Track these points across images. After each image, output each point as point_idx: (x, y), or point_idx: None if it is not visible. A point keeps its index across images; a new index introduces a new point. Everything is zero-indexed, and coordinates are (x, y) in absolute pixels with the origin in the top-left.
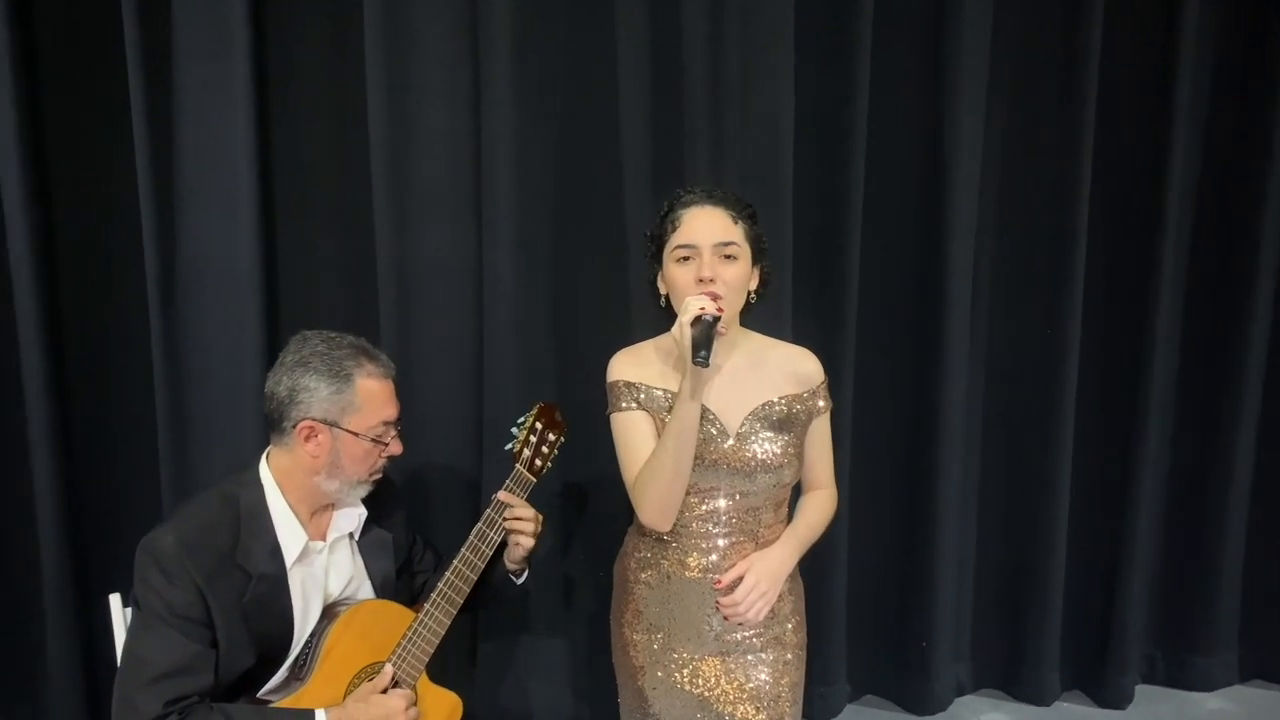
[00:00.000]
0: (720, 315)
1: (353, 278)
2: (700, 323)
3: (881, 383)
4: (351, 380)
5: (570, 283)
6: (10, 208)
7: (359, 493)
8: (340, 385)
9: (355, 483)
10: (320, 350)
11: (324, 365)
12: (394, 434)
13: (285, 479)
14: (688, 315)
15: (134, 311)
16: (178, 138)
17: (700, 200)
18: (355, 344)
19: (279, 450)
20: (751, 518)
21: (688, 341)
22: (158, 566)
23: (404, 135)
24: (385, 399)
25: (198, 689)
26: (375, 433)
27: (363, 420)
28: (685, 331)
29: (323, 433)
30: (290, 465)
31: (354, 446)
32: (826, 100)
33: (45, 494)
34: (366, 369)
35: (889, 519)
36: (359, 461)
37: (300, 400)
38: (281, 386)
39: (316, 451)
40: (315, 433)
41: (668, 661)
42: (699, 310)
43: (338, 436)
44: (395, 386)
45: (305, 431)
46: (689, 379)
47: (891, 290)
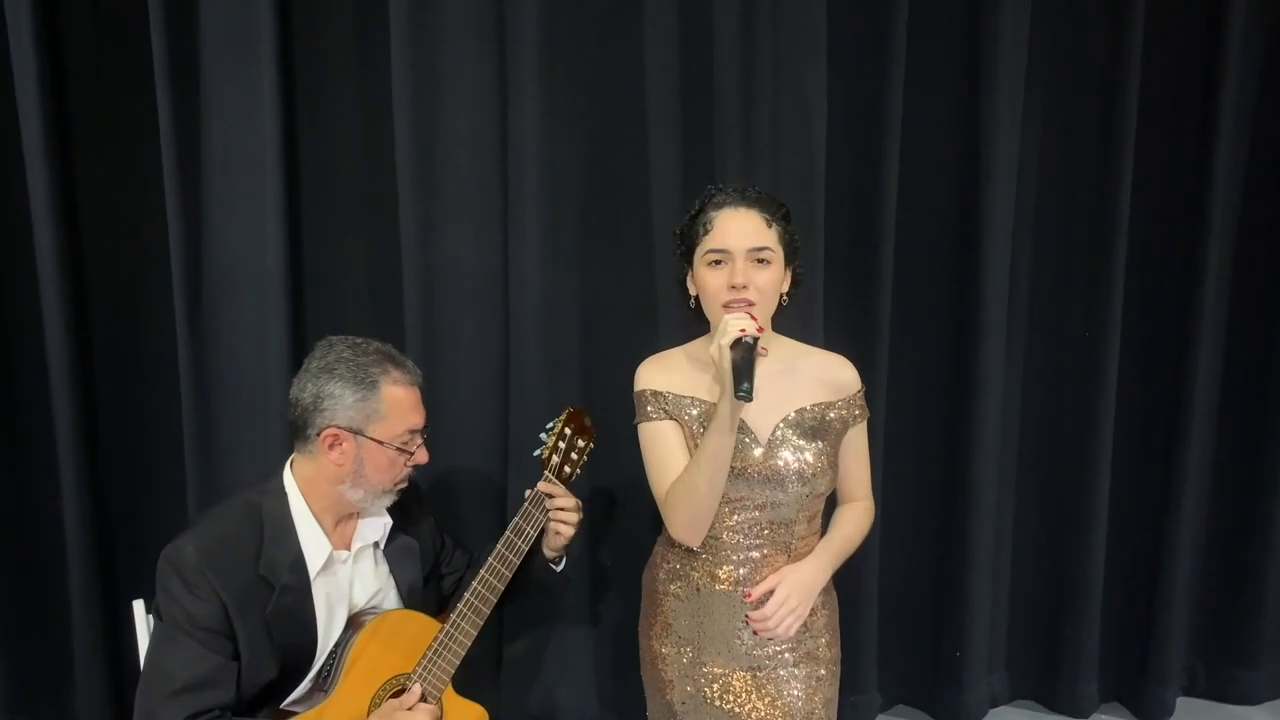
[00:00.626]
0: (760, 334)
1: (379, 282)
2: (740, 345)
3: (915, 388)
4: (377, 387)
5: (598, 285)
6: (37, 214)
7: (384, 502)
8: (365, 393)
9: (380, 492)
10: (346, 357)
11: (349, 372)
12: (420, 443)
13: (309, 487)
14: (727, 338)
15: (161, 317)
16: (205, 142)
17: (734, 201)
18: (382, 350)
19: (303, 458)
20: (784, 529)
21: (728, 366)
22: (179, 577)
23: (430, 138)
24: (411, 407)
25: (219, 702)
26: (400, 441)
27: (388, 429)
28: (724, 354)
29: (347, 441)
30: (314, 473)
31: (379, 455)
32: (860, 99)
33: (72, 499)
34: (393, 376)
35: (921, 527)
36: (383, 470)
37: (325, 408)
38: (306, 393)
39: (341, 460)
40: (340, 441)
41: (697, 676)
42: (739, 332)
43: (362, 445)
44: (422, 394)
45: (329, 439)
46: (727, 404)
47: (926, 293)
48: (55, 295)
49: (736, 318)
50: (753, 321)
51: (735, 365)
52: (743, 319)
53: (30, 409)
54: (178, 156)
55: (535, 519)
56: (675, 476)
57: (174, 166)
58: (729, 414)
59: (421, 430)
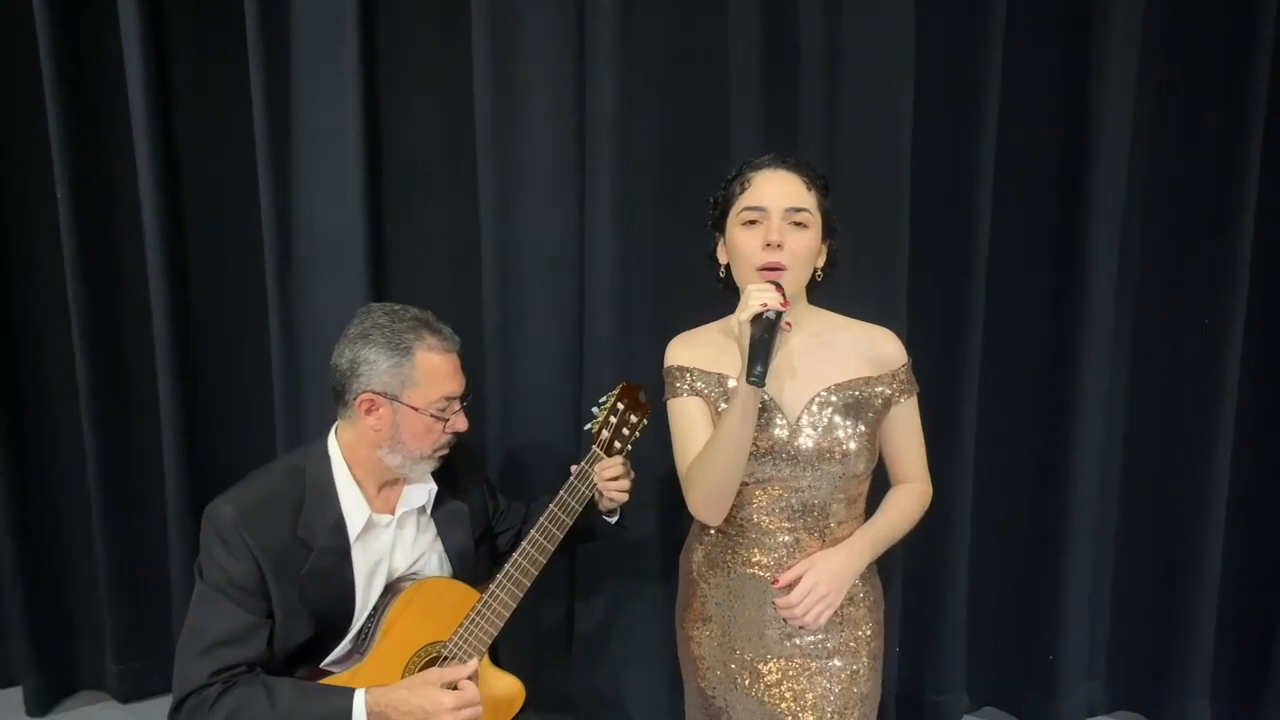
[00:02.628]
0: (785, 309)
1: (458, 255)
2: (760, 321)
3: (1009, 378)
4: (411, 353)
5: (673, 260)
6: (144, 190)
7: (424, 468)
8: (399, 358)
9: (418, 458)
10: (382, 323)
11: (384, 338)
12: (457, 409)
13: (351, 453)
14: (747, 312)
15: (253, 285)
16: (294, 114)
17: (773, 164)
18: (419, 317)
19: (344, 423)
20: (818, 512)
21: (745, 341)
22: (217, 536)
23: (509, 112)
24: (447, 373)
25: (247, 659)
26: (435, 408)
27: (422, 395)
28: (744, 329)
29: (383, 406)
30: (354, 439)
31: (414, 421)
32: (953, 67)
33: (172, 459)
34: (427, 342)
35: (1016, 523)
36: (419, 437)
37: (361, 373)
38: (344, 359)
39: (378, 425)
40: (375, 406)
41: (729, 661)
42: (760, 306)
43: (398, 410)
44: (460, 360)
45: (365, 404)
46: (747, 394)
47: (1024, 278)
48: (160, 267)
49: (760, 289)
50: (777, 295)
51: (752, 344)
52: (766, 291)
53: (137, 376)
54: (269, 127)
55: (580, 492)
56: (695, 455)
57: (266, 142)
58: (746, 397)
59: (460, 397)
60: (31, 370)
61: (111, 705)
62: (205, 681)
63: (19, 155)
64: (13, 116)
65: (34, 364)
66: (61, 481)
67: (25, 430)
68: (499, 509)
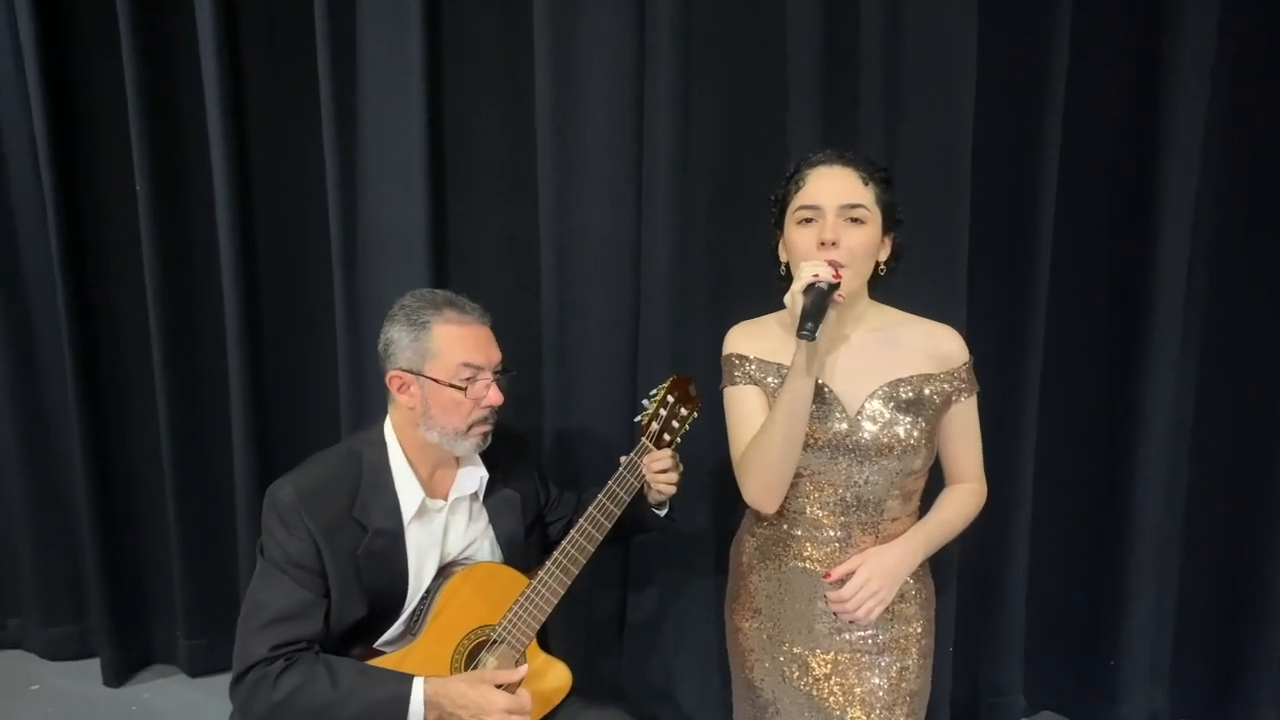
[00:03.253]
0: (838, 283)
1: (517, 247)
2: (813, 290)
3: (1073, 375)
4: (428, 327)
5: (730, 254)
6: (218, 183)
7: (463, 445)
8: (417, 333)
9: (454, 433)
10: (407, 304)
11: (405, 317)
12: (488, 381)
13: (402, 436)
14: (800, 282)
15: (320, 277)
16: (360, 109)
17: (829, 160)
18: (443, 296)
19: (392, 408)
20: (872, 508)
21: (797, 310)
22: (277, 516)
23: (569, 106)
24: (467, 344)
25: (306, 635)
26: (458, 377)
27: (442, 366)
28: (796, 300)
29: (411, 383)
30: (400, 420)
31: (440, 394)
32: (1017, 57)
33: (241, 445)
34: (445, 315)
35: (1078, 524)
36: (448, 410)
37: (390, 354)
38: (380, 344)
39: (410, 402)
40: (405, 384)
41: (777, 654)
42: (812, 277)
43: (424, 385)
44: (490, 334)
45: (396, 383)
46: (801, 352)
47: (1089, 272)
48: (231, 258)
49: (813, 264)
50: (829, 268)
51: (804, 307)
52: (819, 265)
53: (209, 363)
54: (336, 124)
55: (628, 483)
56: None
57: (333, 136)
58: (803, 360)
59: (494, 370)
60: (111, 361)
61: (182, 679)
62: (267, 655)
63: (103, 154)
64: (98, 118)
65: (114, 355)
66: (138, 469)
67: (106, 420)
68: (550, 498)
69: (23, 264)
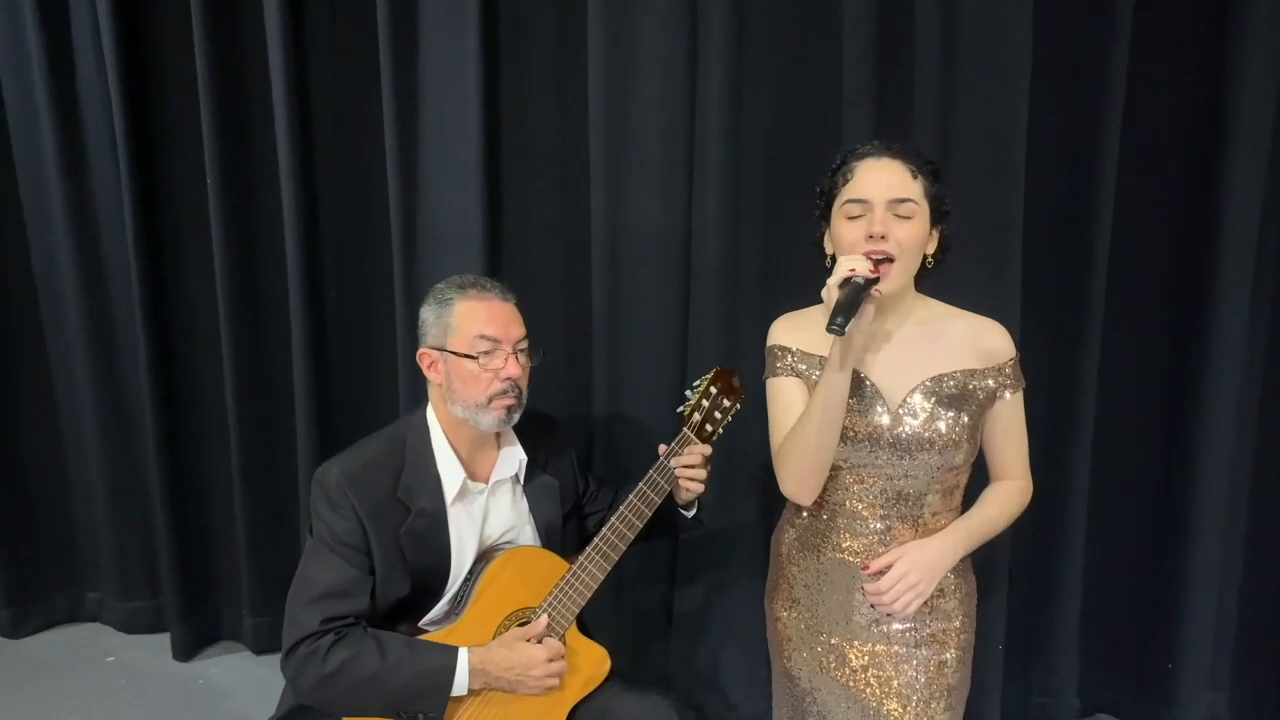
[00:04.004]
0: (876, 278)
1: (570, 242)
2: (849, 284)
3: (1131, 372)
4: (450, 304)
5: (781, 248)
6: (284, 179)
7: (487, 419)
8: (441, 310)
9: (475, 405)
10: (439, 288)
11: (433, 297)
12: (506, 354)
13: (441, 417)
14: (836, 276)
15: (381, 268)
16: (420, 110)
17: (877, 153)
18: (470, 278)
19: (429, 389)
20: (913, 502)
21: (831, 303)
22: (325, 496)
23: (622, 99)
24: (484, 317)
25: (354, 611)
26: (475, 349)
27: (461, 339)
28: (831, 293)
29: (437, 360)
30: (435, 400)
31: (460, 367)
32: (1075, 43)
33: (305, 433)
34: (467, 293)
35: (1135, 523)
36: (468, 382)
37: (422, 334)
38: (418, 329)
39: (438, 378)
40: (432, 361)
41: (815, 643)
42: (849, 271)
43: (448, 360)
44: (512, 310)
45: (425, 361)
46: (835, 346)
47: (1149, 266)
48: (297, 248)
49: (851, 257)
50: (867, 262)
51: (838, 301)
52: (856, 259)
53: (274, 353)
54: (397, 119)
55: (669, 472)
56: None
57: (394, 128)
58: (838, 355)
59: (513, 344)
60: (184, 353)
61: (247, 655)
62: (317, 629)
63: (176, 150)
64: (172, 116)
65: (186, 347)
66: (208, 456)
67: (178, 409)
68: (589, 490)
69: (104, 261)
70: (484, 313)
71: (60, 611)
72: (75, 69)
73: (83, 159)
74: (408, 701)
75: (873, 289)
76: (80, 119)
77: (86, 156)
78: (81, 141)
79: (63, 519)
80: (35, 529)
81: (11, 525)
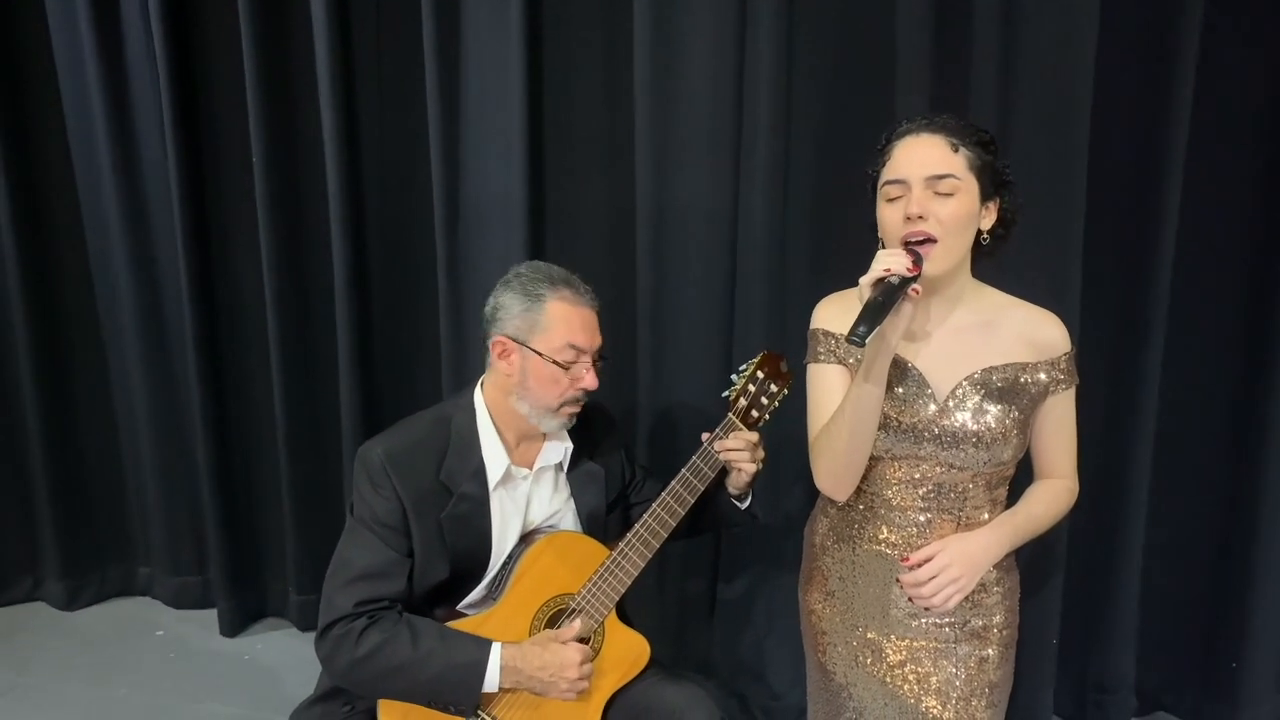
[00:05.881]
0: (914, 276)
1: (615, 219)
2: (882, 285)
3: (1196, 365)
4: (542, 300)
5: (831, 226)
6: (329, 157)
7: (551, 422)
8: (530, 304)
9: (545, 409)
10: (523, 274)
11: (521, 286)
12: (587, 365)
13: (493, 403)
14: (870, 275)
15: (424, 246)
16: (463, 86)
17: (915, 129)
18: (560, 272)
19: (488, 374)
20: (956, 495)
21: (863, 303)
22: (367, 475)
23: (668, 74)
24: (576, 325)
25: (390, 594)
26: (561, 356)
27: (548, 341)
28: (864, 292)
29: (514, 351)
30: (494, 387)
31: (540, 368)
32: (1143, 19)
33: (348, 406)
34: (560, 293)
35: (1198, 518)
36: (545, 384)
37: (498, 318)
38: (488, 307)
39: (509, 370)
40: (507, 350)
41: (850, 637)
42: (884, 270)
43: (526, 356)
44: (597, 320)
45: (499, 347)
46: (871, 348)
47: (1216, 254)
48: (340, 227)
49: (889, 253)
50: (905, 259)
51: (866, 304)
52: (895, 256)
53: (318, 335)
54: (440, 95)
55: (712, 459)
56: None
57: (437, 106)
58: (871, 360)
59: (594, 354)
60: (231, 335)
61: (292, 632)
62: (351, 611)
63: (222, 131)
64: (219, 95)
65: (233, 328)
66: (255, 435)
67: (225, 389)
68: (635, 480)
69: (154, 244)
70: (577, 320)
71: (112, 585)
72: (124, 46)
73: (132, 139)
74: (438, 692)
75: (909, 288)
76: (129, 96)
77: (136, 137)
78: (131, 120)
79: (116, 496)
80: (90, 505)
81: (67, 501)
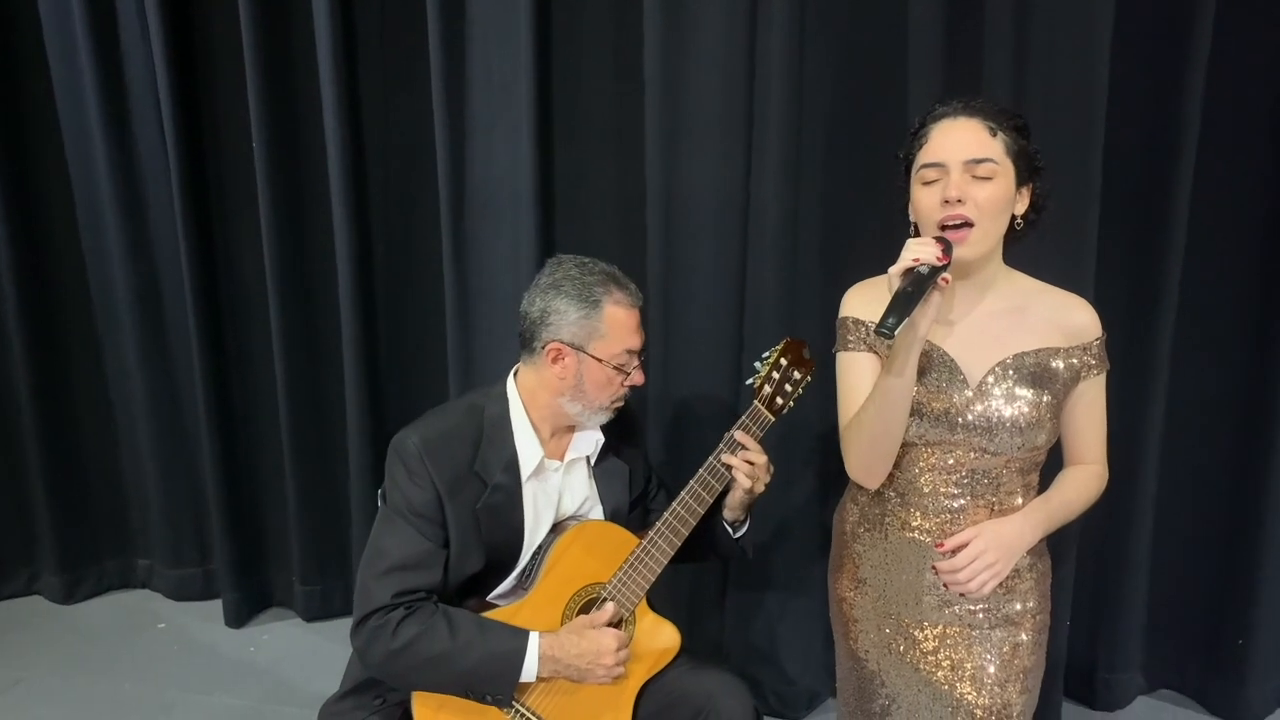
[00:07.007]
0: (944, 265)
1: (624, 204)
2: (911, 275)
3: (1206, 348)
4: (600, 306)
5: (843, 211)
6: (330, 141)
7: (599, 419)
8: (589, 310)
9: (597, 408)
10: (573, 275)
11: (575, 290)
12: (637, 364)
13: (530, 396)
14: (899, 265)
15: (429, 234)
16: (469, 66)
17: (953, 112)
18: (607, 271)
19: (527, 368)
20: (989, 482)
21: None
22: (402, 464)
23: (678, 57)
24: (631, 328)
25: (426, 585)
26: (618, 360)
27: (607, 347)
28: (893, 281)
29: (569, 356)
30: (535, 384)
31: (597, 372)
32: (1158, 5)
33: (354, 394)
34: (615, 297)
35: (1207, 499)
36: (601, 388)
37: (550, 322)
38: (535, 307)
39: (563, 374)
40: (562, 355)
41: (883, 624)
42: (913, 260)
43: (583, 361)
44: (641, 316)
45: (553, 353)
46: (902, 339)
47: (1232, 239)
48: (343, 211)
49: (919, 242)
50: (935, 249)
51: (895, 295)
52: (925, 245)
53: (323, 324)
54: (445, 78)
55: (738, 446)
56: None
57: (441, 91)
58: (901, 351)
59: (639, 352)
60: (233, 324)
61: (298, 622)
62: (388, 603)
63: (221, 111)
64: (217, 77)
65: (235, 317)
66: (258, 425)
67: (228, 378)
68: (652, 483)
69: (152, 231)
70: (632, 324)
71: (111, 578)
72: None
73: (128, 125)
74: (475, 683)
75: (939, 278)
76: (125, 82)
77: (132, 122)
78: (126, 105)
79: (114, 487)
80: (87, 497)
81: (64, 493)
